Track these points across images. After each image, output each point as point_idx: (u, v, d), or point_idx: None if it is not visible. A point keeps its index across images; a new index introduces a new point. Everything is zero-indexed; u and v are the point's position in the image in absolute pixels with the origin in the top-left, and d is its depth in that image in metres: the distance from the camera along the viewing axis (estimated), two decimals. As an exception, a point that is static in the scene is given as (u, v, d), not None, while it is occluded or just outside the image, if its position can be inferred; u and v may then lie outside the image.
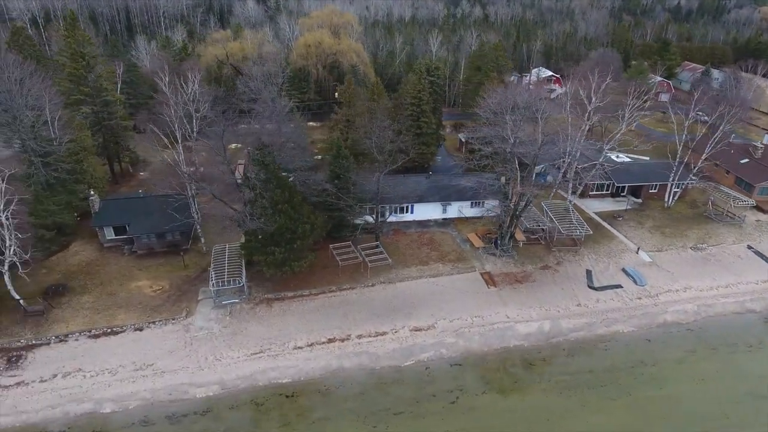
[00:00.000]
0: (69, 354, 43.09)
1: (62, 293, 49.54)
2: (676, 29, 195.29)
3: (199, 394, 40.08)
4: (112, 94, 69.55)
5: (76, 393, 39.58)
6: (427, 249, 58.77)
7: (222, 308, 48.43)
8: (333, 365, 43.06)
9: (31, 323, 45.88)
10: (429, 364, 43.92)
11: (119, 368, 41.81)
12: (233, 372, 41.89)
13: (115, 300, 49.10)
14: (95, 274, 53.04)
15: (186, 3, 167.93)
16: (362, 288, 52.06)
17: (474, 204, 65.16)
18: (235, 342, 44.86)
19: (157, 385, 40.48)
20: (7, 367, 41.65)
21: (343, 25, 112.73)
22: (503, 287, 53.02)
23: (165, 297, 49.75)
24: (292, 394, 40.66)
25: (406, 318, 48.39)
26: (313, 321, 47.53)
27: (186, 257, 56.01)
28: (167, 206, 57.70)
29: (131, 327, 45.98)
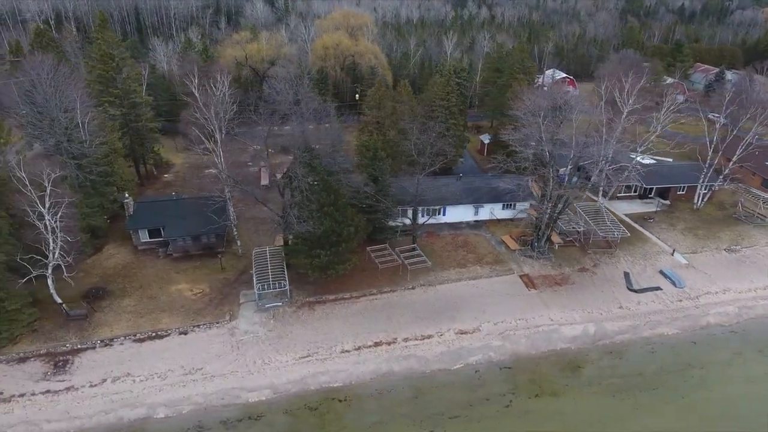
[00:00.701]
0: (116, 358, 42.69)
1: (102, 297, 49.14)
2: (683, 31, 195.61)
3: (252, 398, 39.75)
4: (140, 96, 69.09)
5: (128, 398, 39.19)
6: (463, 251, 58.54)
7: (265, 312, 48.09)
8: (383, 369, 42.78)
9: (75, 327, 45.47)
10: (478, 368, 43.69)
11: (168, 372, 41.44)
12: (283, 376, 41.55)
13: (157, 303, 48.69)
14: (133, 277, 52.61)
15: (195, 5, 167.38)
16: (403, 291, 51.79)
17: (506, 206, 65.08)
18: (282, 346, 44.53)
19: (208, 389, 40.12)
20: (54, 371, 41.24)
21: (359, 27, 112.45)
22: (543, 290, 52.83)
23: (206, 300, 49.37)
24: (344, 398, 40.35)
25: (450, 321, 48.15)
26: (358, 324, 47.24)
27: (222, 260, 55.63)
28: (202, 208, 57.49)
29: (176, 331, 45.60)
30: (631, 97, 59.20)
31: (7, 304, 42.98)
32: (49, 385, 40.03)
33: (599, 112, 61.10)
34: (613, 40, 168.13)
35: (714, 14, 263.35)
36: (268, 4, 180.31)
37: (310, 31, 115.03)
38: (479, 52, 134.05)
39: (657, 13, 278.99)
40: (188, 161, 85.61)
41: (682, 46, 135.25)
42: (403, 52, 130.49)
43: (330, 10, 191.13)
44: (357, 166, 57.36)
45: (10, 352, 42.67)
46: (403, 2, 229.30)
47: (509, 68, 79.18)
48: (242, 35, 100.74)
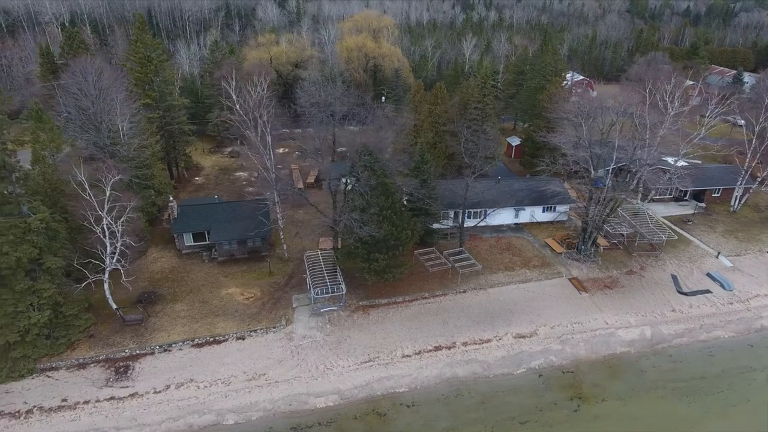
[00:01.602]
0: (177, 364, 42.23)
1: (154, 301, 48.67)
2: (693, 33, 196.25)
3: (319, 404, 39.35)
4: (176, 98, 68.66)
5: (194, 404, 38.74)
6: (509, 254, 58.30)
7: (320, 316, 47.71)
8: (446, 374, 42.46)
9: (131, 332, 44.98)
10: (541, 372, 43.42)
11: (232, 378, 41.00)
12: (348, 381, 41.17)
13: (210, 308, 48.24)
14: (181, 281, 52.15)
15: (209, 6, 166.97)
16: (454, 294, 51.51)
17: (546, 209, 64.95)
18: (342, 350, 44.14)
19: (274, 395, 39.69)
20: (117, 378, 40.76)
21: (381, 29, 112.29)
22: (594, 293, 52.63)
23: (259, 305, 48.93)
24: (411, 403, 40.00)
25: (506, 324, 47.88)
26: (414, 329, 46.91)
27: (264, 263, 55.20)
28: (246, 211, 57.20)
29: (233, 336, 45.16)
30: (677, 99, 59.14)
31: (64, 309, 42.55)
32: (112, 392, 39.54)
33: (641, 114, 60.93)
34: (625, 42, 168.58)
35: (719, 16, 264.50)
36: (280, 7, 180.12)
37: (330, 33, 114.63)
38: (496, 55, 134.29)
39: (662, 15, 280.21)
40: (217, 164, 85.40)
41: (698, 48, 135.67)
42: (421, 55, 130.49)
43: (340, 12, 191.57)
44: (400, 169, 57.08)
45: (70, 358, 42.14)
46: (411, 4, 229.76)
47: (541, 70, 79.01)
48: (267, 38, 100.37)
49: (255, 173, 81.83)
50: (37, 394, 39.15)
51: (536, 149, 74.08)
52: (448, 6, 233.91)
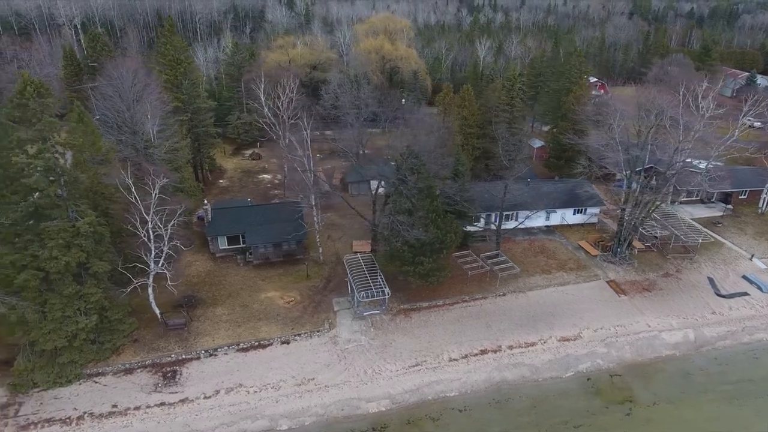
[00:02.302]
0: (223, 368, 41.88)
1: (195, 305, 48.31)
2: (700, 34, 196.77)
3: (371, 409, 39.07)
4: (204, 101, 68.39)
5: (246, 409, 38.41)
6: (544, 257, 58.15)
7: (362, 320, 47.42)
8: (495, 378, 42.22)
9: (175, 337, 44.62)
10: (589, 375, 43.22)
11: (281, 383, 40.68)
12: (398, 386, 40.89)
13: (251, 312, 47.92)
14: (219, 285, 51.82)
15: (217, 9, 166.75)
16: (494, 297, 51.31)
17: (576, 211, 64.84)
18: (388, 354, 43.87)
19: (325, 400, 39.39)
20: (165, 383, 40.38)
21: (397, 31, 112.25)
22: (633, 296, 52.48)
23: (301, 308, 48.63)
24: (463, 408, 39.74)
25: (549, 328, 47.68)
26: (458, 332, 46.67)
27: (303, 267, 54.92)
28: (281, 214, 56.95)
29: (278, 340, 44.84)
30: (711, 101, 59.04)
31: (109, 313, 42.18)
32: (162, 397, 39.16)
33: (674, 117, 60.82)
34: (634, 44, 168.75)
35: (723, 18, 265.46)
36: (288, 9, 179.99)
37: (345, 36, 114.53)
38: (508, 57, 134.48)
39: (665, 17, 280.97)
40: (239, 166, 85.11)
41: (710, 50, 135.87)
42: (434, 57, 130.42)
43: (349, 14, 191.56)
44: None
45: (116, 363, 41.76)
46: (418, 6, 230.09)
47: (565, 72, 78.98)
48: (285, 40, 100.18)
49: (279, 176, 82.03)
50: (86, 400, 38.75)
51: (562, 151, 73.91)
52: (453, 8, 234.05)
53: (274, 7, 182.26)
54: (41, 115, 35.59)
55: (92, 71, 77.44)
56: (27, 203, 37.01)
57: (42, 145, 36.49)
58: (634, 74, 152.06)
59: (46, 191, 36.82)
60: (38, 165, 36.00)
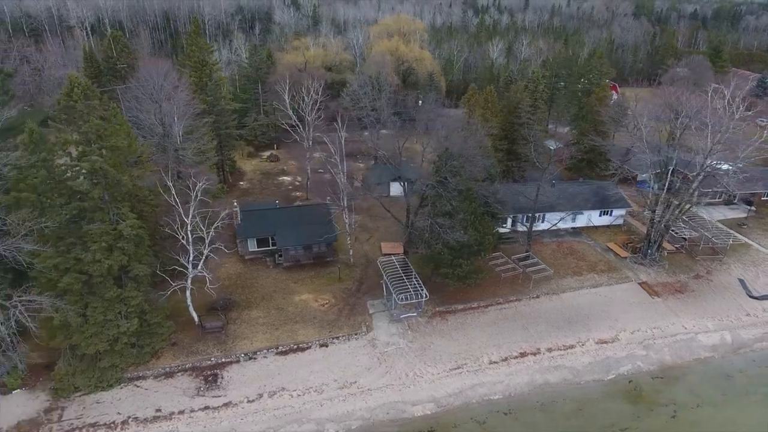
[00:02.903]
0: (264, 372, 41.60)
1: (229, 308, 48.00)
2: (706, 36, 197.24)
3: (417, 412, 38.83)
4: (228, 102, 68.11)
5: (291, 413, 38.14)
6: (573, 259, 58.01)
7: (399, 322, 47.19)
8: (538, 380, 42.03)
9: (212, 340, 44.33)
10: (630, 378, 43.07)
11: (323, 386, 40.40)
12: (441, 389, 40.67)
13: (287, 315, 47.65)
14: (251, 288, 51.54)
15: (225, 10, 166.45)
16: (528, 300, 51.13)
17: (603, 213, 64.75)
18: (428, 357, 43.65)
19: (370, 403, 39.14)
20: (207, 387, 40.07)
21: (410, 33, 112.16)
22: (666, 297, 52.36)
23: (336, 311, 48.38)
24: (508, 411, 39.55)
25: (585, 330, 47.52)
26: (495, 334, 46.48)
27: (334, 269, 54.70)
28: (310, 216, 56.72)
29: (316, 343, 44.58)
30: (741, 102, 59.01)
31: (148, 317, 41.86)
32: (205, 401, 38.85)
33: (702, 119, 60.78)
34: (641, 45, 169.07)
35: (727, 19, 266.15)
36: (296, 10, 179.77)
37: (358, 37, 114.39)
38: (517, 58, 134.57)
39: (669, 19, 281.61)
40: (258, 168, 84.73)
41: (720, 51, 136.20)
42: (445, 58, 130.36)
43: (356, 16, 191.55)
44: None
45: (156, 367, 41.44)
46: (423, 8, 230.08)
47: (587, 74, 78.97)
48: (302, 41, 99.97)
49: (299, 178, 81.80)
50: (129, 404, 38.41)
51: (584, 152, 73.85)
52: (458, 10, 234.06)
53: (281, 8, 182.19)
54: (87, 117, 35.32)
55: (112, 73, 77.18)
56: (71, 206, 36.67)
57: (87, 147, 36.20)
58: (643, 75, 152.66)
59: (91, 194, 36.50)
60: (84, 167, 35.67)
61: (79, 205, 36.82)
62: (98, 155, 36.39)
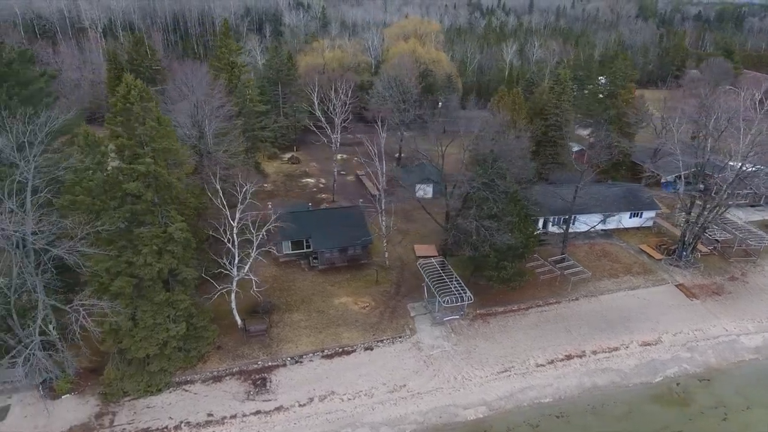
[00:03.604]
0: (312, 375, 41.37)
1: (270, 311, 47.76)
2: (713, 38, 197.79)
3: (469, 416, 38.65)
4: (257, 104, 67.88)
5: (343, 417, 37.92)
6: (608, 261, 57.96)
7: (441, 325, 47.03)
8: (587, 383, 41.90)
9: (257, 343, 44.10)
10: (678, 380, 42.97)
11: (373, 390, 40.20)
12: (492, 392, 40.51)
13: (329, 318, 47.45)
14: (288, 290, 51.31)
15: (235, 12, 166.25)
16: (567, 302, 51.04)
17: (633, 215, 64.73)
18: (474, 360, 43.48)
19: (422, 407, 38.94)
20: (257, 391, 39.81)
21: (426, 35, 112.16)
22: (704, 299, 52.32)
23: (377, 314, 48.19)
24: (560, 414, 39.40)
25: (628, 332, 47.44)
26: (539, 337, 46.36)
27: (369, 272, 54.52)
28: (344, 219, 56.59)
29: (360, 346, 44.39)
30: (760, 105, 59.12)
31: (195, 320, 41.58)
32: (256, 405, 38.59)
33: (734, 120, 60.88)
34: (651, 47, 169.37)
35: (731, 20, 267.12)
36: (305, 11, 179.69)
37: (374, 39, 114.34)
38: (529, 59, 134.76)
39: (672, 20, 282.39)
40: (280, 170, 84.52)
41: (732, 52, 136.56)
42: (459, 60, 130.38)
43: (364, 17, 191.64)
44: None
45: (204, 371, 41.19)
46: (429, 10, 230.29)
47: (611, 76, 79.04)
48: (321, 43, 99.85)
49: (323, 180, 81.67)
50: (180, 408, 38.14)
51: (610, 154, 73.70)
52: (464, 12, 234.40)
53: (287, 10, 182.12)
54: (143, 119, 35.11)
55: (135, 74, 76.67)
56: (123, 209, 36.44)
57: (140, 149, 35.97)
58: (653, 77, 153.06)
59: (144, 197, 36.27)
60: (139, 170, 35.42)
61: (131, 208, 36.60)
62: (150, 158, 36.14)
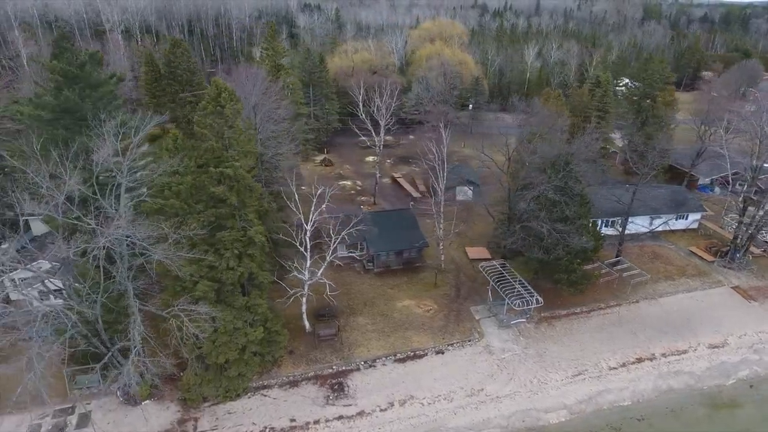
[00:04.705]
0: (387, 380, 41.14)
1: (334, 314, 47.51)
2: (723, 39, 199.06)
3: (552, 420, 38.50)
4: (300, 106, 67.61)
5: (426, 422, 37.71)
6: (660, 263, 58.01)
7: (508, 328, 46.91)
8: (662, 386, 41.84)
9: (328, 347, 43.85)
10: (751, 382, 42.96)
11: (451, 394, 40.01)
12: (570, 395, 40.39)
13: (395, 321, 47.25)
14: (348, 294, 51.06)
15: (250, 15, 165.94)
16: (628, 305, 51.03)
17: (679, 217, 64.83)
18: (546, 363, 43.36)
19: (503, 411, 38.79)
20: (335, 396, 39.54)
21: (451, 37, 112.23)
22: (763, 301, 52.42)
23: (442, 317, 48.03)
24: (641, 417, 39.31)
25: (692, 335, 47.44)
26: (606, 340, 46.30)
27: (425, 274, 54.41)
28: (396, 221, 56.44)
29: (431, 350, 44.20)
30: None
31: (269, 325, 41.25)
32: (337, 410, 38.34)
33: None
34: (666, 49, 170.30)
35: (737, 22, 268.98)
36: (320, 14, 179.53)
37: (398, 41, 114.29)
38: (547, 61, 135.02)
39: (678, 22, 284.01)
40: (313, 172, 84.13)
41: (749, 54, 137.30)
42: (479, 62, 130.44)
43: (376, 20, 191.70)
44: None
45: (279, 376, 40.91)
46: (439, 12, 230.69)
47: (646, 78, 79.22)
48: (350, 45, 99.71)
49: (359, 182, 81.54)
50: (261, 414, 37.84)
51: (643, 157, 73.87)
52: (475, 13, 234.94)
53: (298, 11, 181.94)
54: (232, 121, 34.87)
55: (172, 77, 76.46)
56: (208, 212, 36.16)
57: (227, 153, 35.73)
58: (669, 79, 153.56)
59: (229, 200, 36.01)
60: (227, 173, 35.16)
61: (215, 211, 36.32)
62: (236, 161, 35.91)
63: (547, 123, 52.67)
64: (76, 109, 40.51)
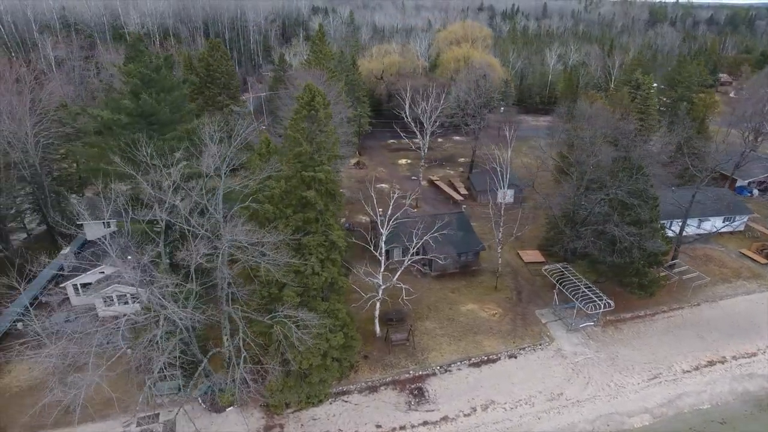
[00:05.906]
0: (465, 384, 41.03)
1: (402, 319, 47.39)
2: (733, 41, 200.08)
3: (635, 423, 38.44)
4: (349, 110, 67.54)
5: (511, 427, 37.61)
6: (714, 266, 58.09)
7: (577, 332, 46.87)
8: (738, 388, 41.85)
9: (401, 352, 43.73)
10: (824, 385, 43.01)
11: (532, 398, 39.92)
12: (650, 399, 40.34)
13: (462, 325, 47.16)
14: (410, 299, 50.78)
15: (266, 17, 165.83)
16: (690, 307, 51.07)
17: (726, 219, 65.00)
18: (620, 367, 43.33)
19: (586, 415, 38.71)
20: (417, 401, 39.40)
21: (477, 39, 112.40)
22: (821, 303, 52.54)
23: (509, 321, 47.97)
24: (723, 420, 39.29)
25: (759, 337, 47.47)
26: (674, 343, 46.29)
27: (482, 278, 54.36)
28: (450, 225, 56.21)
29: (504, 354, 44.11)
30: None
31: (346, 329, 41.08)
32: (421, 416, 38.18)
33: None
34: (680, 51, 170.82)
35: (743, 24, 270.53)
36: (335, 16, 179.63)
37: (422, 43, 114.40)
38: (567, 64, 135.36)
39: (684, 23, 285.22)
40: (349, 175, 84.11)
41: (767, 56, 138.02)
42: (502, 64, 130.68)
43: (390, 23, 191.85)
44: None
45: (357, 381, 40.75)
46: (448, 15, 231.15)
47: (683, 81, 79.53)
48: (381, 48, 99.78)
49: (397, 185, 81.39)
50: (346, 420, 37.67)
51: (690, 159, 74.09)
52: (485, 15, 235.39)
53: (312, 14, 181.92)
54: (325, 125, 34.77)
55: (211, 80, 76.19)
56: (295, 217, 36.03)
57: (317, 157, 35.60)
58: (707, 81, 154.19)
59: (317, 204, 35.89)
60: (318, 177, 35.04)
61: (302, 216, 36.19)
62: (328, 165, 35.81)
63: (612, 125, 52.62)
64: (153, 113, 40.41)
